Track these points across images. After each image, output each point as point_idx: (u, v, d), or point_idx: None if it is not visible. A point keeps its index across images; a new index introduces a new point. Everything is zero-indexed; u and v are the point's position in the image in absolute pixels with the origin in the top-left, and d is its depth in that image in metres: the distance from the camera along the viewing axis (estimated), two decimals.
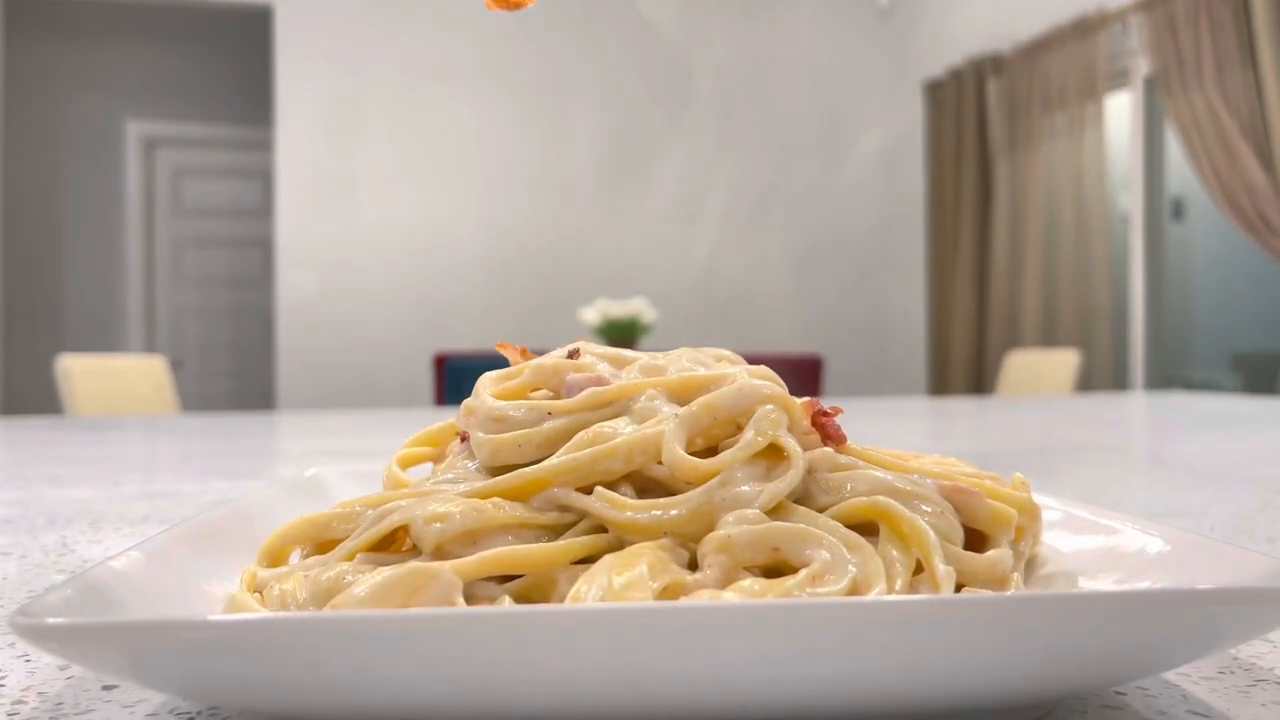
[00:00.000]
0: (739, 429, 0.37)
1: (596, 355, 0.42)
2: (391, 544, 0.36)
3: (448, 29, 4.56)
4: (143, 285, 5.41)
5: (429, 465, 0.45)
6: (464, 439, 0.41)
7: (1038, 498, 0.43)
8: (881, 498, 0.34)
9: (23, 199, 5.24)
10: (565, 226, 4.73)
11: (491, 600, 0.31)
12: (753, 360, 0.44)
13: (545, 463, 0.36)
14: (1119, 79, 4.01)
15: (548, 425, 0.38)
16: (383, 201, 4.51)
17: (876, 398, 2.83)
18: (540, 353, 0.44)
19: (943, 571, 0.31)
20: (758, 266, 4.99)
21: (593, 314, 3.19)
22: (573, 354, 0.43)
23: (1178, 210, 4.05)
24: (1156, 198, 4.01)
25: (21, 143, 5.23)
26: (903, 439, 1.27)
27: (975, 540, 0.37)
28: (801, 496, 0.35)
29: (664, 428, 0.36)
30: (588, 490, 0.35)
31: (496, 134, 4.62)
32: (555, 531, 0.35)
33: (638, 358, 0.42)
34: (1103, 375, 3.92)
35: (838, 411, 0.41)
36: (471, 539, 0.34)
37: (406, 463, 0.45)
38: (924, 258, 5.07)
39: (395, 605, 0.30)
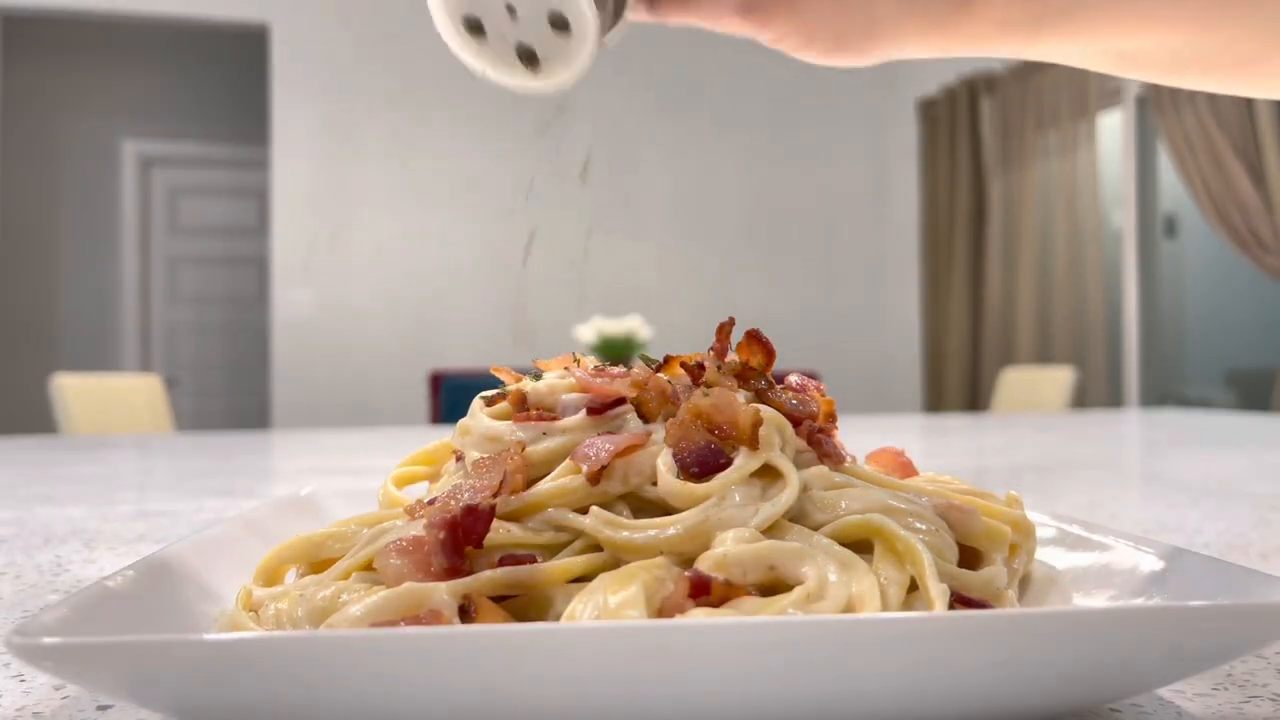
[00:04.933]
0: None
1: (591, 371, 0.42)
2: None
3: (443, 49, 4.56)
4: (138, 303, 5.41)
5: (425, 484, 0.45)
6: (459, 458, 0.41)
7: (1032, 515, 0.43)
8: (876, 515, 0.34)
9: (19, 217, 5.23)
10: (560, 244, 4.74)
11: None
12: None
13: (541, 483, 0.36)
14: (1111, 97, 4.03)
15: (543, 445, 0.38)
16: (378, 220, 4.51)
17: (872, 415, 2.83)
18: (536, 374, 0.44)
19: (937, 589, 0.31)
20: (753, 283, 5.00)
21: (588, 332, 3.19)
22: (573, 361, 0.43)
23: (1170, 227, 4.07)
24: (1149, 215, 4.03)
25: (18, 161, 5.23)
26: None
27: (970, 557, 0.37)
28: (797, 514, 0.35)
29: (659, 450, 0.36)
30: (584, 510, 0.35)
31: (492, 152, 4.64)
32: (551, 551, 0.35)
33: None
34: (1097, 392, 3.93)
35: (834, 429, 0.41)
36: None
37: (402, 482, 0.45)
38: (919, 275, 5.09)
39: (390, 625, 0.30)
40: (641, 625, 0.25)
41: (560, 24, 0.38)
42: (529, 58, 0.40)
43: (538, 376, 0.43)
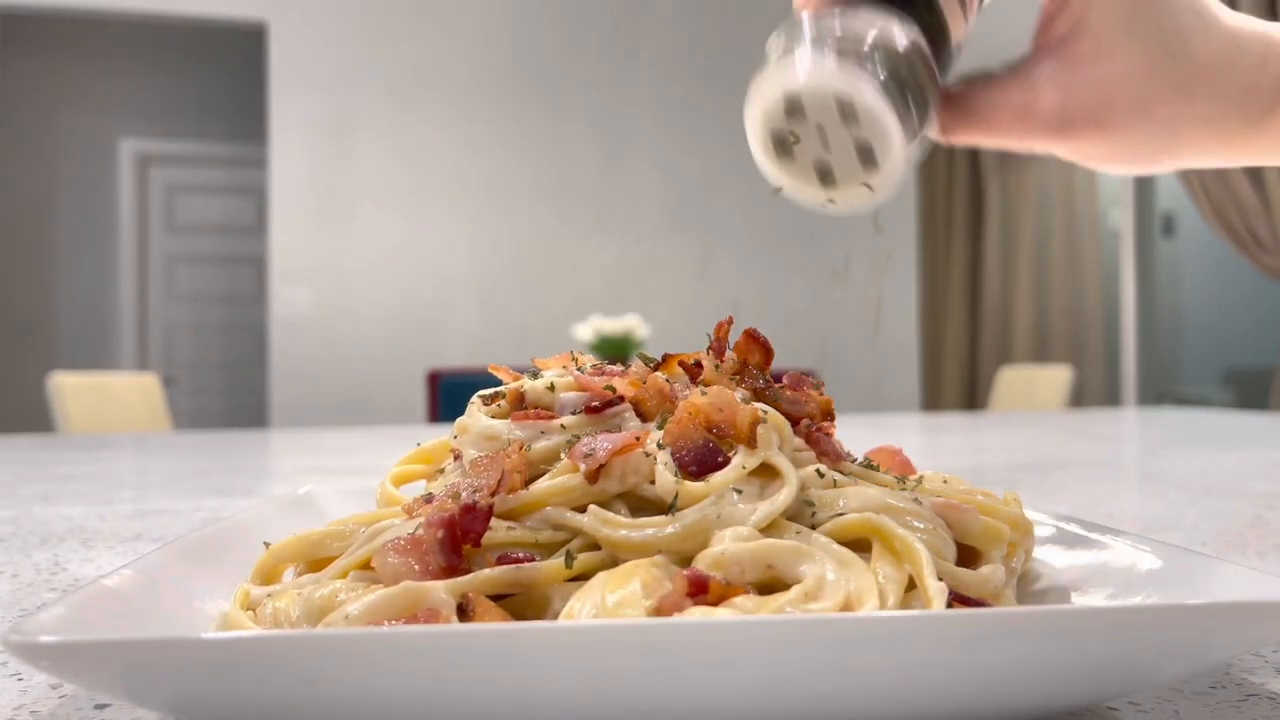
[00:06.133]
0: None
1: (590, 369, 0.42)
2: None
3: (441, 47, 4.58)
4: (135, 302, 5.40)
5: (423, 483, 0.45)
6: (457, 457, 0.41)
7: (1030, 513, 0.43)
8: (874, 514, 0.34)
9: (16, 216, 5.23)
10: (558, 243, 4.74)
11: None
12: None
13: (539, 482, 0.36)
14: None
15: (541, 444, 0.38)
16: (376, 218, 4.51)
17: (870, 413, 2.83)
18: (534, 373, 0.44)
19: (935, 588, 0.31)
20: (750, 283, 5.00)
21: (586, 330, 3.19)
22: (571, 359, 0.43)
23: (1168, 226, 4.07)
24: (1147, 214, 4.03)
25: (15, 159, 5.22)
26: None
27: (968, 556, 0.37)
28: (795, 513, 0.35)
29: (657, 449, 0.36)
30: (582, 509, 0.35)
31: (489, 151, 4.63)
32: (549, 550, 0.35)
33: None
34: (1095, 391, 3.93)
35: (832, 428, 0.41)
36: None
37: (400, 480, 0.45)
38: (916, 275, 5.09)
39: (388, 624, 0.30)
40: (640, 624, 0.25)
41: (868, 156, 0.39)
42: (828, 179, 0.41)
43: (536, 375, 0.43)
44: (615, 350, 3.18)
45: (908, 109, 0.39)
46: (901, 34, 0.39)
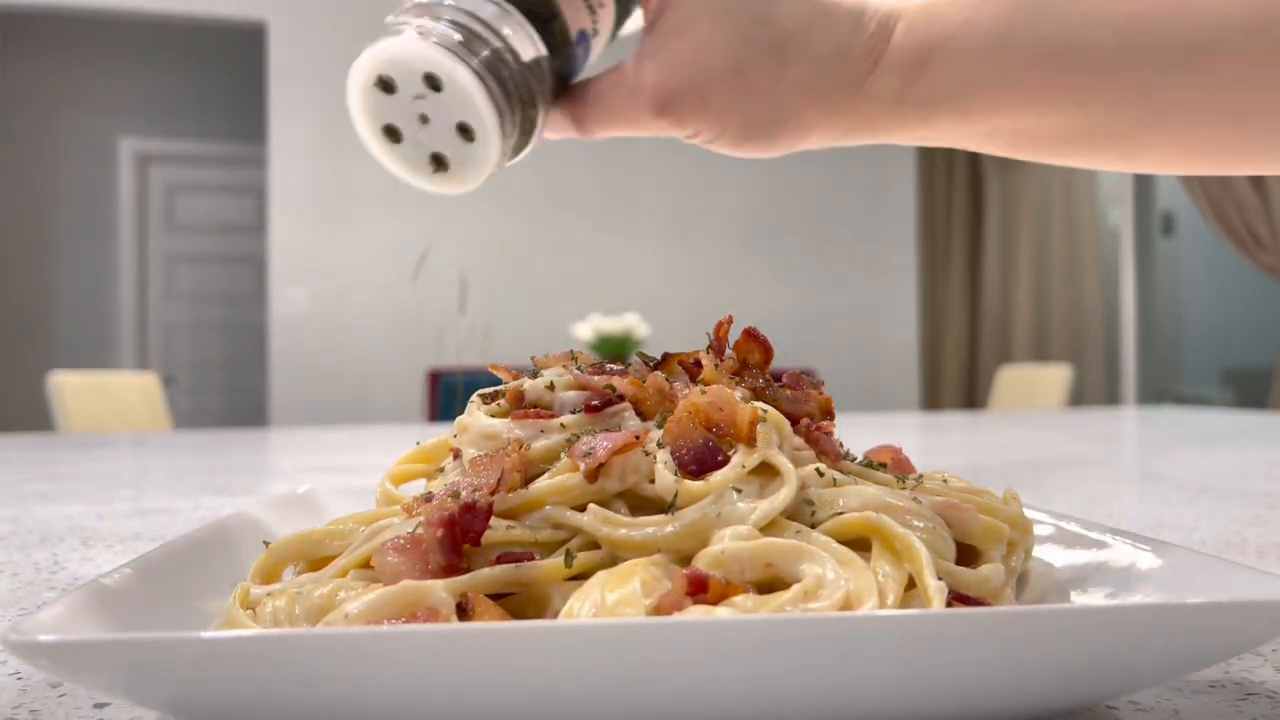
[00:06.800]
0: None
1: (589, 368, 0.42)
2: None
3: None
4: (135, 301, 5.40)
5: (422, 482, 0.45)
6: (457, 456, 0.41)
7: (1029, 512, 0.43)
8: (874, 513, 0.34)
9: (16, 215, 5.23)
10: (558, 243, 4.74)
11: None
12: None
13: (539, 481, 0.36)
14: None
15: (541, 443, 0.38)
16: (376, 218, 4.51)
17: (869, 413, 2.83)
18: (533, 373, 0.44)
19: (934, 587, 0.31)
20: (749, 282, 5.00)
21: (586, 330, 3.19)
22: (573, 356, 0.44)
23: (1167, 225, 4.07)
24: (1146, 213, 4.03)
25: (15, 159, 5.22)
26: None
27: (968, 555, 0.37)
28: (795, 512, 0.35)
29: (656, 448, 0.36)
30: (581, 508, 0.35)
31: None
32: (549, 549, 0.35)
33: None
34: (1094, 390, 3.93)
35: (831, 427, 0.41)
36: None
37: (400, 479, 0.45)
38: (916, 274, 5.09)
39: (388, 623, 0.30)
40: (639, 623, 0.25)
41: (468, 133, 0.41)
42: (439, 162, 0.43)
43: (535, 374, 0.43)
44: (615, 350, 3.18)
45: (503, 92, 0.40)
46: (504, 21, 0.40)
